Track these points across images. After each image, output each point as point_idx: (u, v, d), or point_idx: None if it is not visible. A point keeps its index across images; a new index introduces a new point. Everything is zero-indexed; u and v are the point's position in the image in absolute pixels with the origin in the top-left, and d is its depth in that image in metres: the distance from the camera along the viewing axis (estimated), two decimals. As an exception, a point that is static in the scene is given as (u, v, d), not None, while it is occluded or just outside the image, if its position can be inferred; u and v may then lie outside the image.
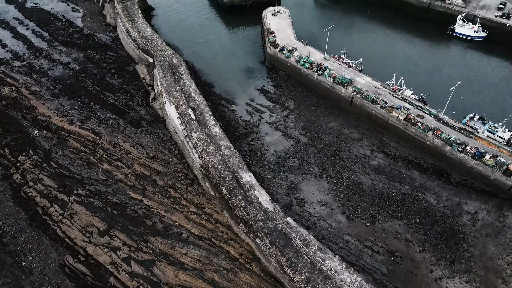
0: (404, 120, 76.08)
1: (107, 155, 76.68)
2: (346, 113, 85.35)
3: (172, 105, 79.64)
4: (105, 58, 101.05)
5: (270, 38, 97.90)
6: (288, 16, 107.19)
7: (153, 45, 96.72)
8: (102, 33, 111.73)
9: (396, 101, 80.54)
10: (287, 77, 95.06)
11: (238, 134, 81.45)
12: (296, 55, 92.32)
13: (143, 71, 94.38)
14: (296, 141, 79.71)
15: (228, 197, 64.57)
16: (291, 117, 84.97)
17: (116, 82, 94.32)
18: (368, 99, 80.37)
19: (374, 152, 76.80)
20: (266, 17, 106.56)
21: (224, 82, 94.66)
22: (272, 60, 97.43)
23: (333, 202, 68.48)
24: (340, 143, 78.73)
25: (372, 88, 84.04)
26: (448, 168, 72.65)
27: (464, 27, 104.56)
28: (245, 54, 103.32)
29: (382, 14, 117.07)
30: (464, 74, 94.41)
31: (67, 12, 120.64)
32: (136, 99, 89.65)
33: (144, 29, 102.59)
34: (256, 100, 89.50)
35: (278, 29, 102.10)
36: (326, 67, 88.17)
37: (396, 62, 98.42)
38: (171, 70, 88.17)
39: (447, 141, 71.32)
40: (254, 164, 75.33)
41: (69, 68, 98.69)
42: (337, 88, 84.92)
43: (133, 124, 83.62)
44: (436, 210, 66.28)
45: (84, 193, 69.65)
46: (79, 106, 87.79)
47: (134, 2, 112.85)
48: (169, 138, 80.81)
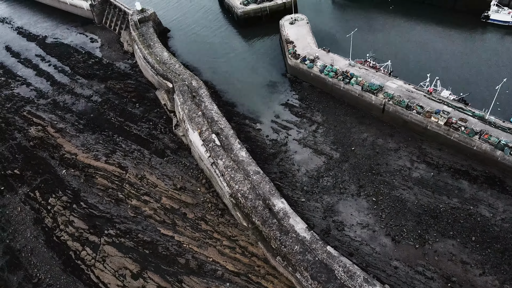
0: (445, 125, 69.65)
1: (134, 190, 74.98)
2: (379, 122, 79.65)
3: (195, 131, 77.03)
4: (126, 87, 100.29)
5: (290, 48, 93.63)
6: (306, 23, 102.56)
7: (171, 69, 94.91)
8: (120, 61, 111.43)
9: (434, 105, 74.11)
10: (311, 88, 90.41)
11: (266, 155, 77.66)
12: (319, 65, 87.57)
13: (163, 97, 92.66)
14: (328, 157, 74.94)
15: (262, 228, 60.84)
16: (320, 132, 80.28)
17: (138, 111, 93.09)
18: (402, 105, 74.45)
19: (414, 163, 70.76)
20: (284, 26, 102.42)
21: (246, 100, 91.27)
22: (294, 71, 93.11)
23: (375, 223, 63.20)
24: (375, 156, 73.24)
25: (405, 92, 77.95)
26: (501, 175, 65.57)
27: (499, 13, 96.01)
28: (266, 68, 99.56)
29: (406, 8, 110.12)
30: (506, 65, 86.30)
31: (86, 43, 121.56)
32: (159, 127, 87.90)
33: (161, 54, 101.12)
34: (281, 116, 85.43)
35: (298, 38, 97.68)
36: (352, 75, 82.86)
37: (429, 60, 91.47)
38: (191, 94, 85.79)
39: (497, 145, 64.38)
40: (285, 187, 71.23)
41: (91, 101, 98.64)
42: (367, 96, 79.47)
43: (158, 154, 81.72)
44: (493, 225, 59.61)
45: (115, 233, 68.05)
46: (103, 139, 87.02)
47: (150, 26, 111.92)
48: (195, 166, 78.23)
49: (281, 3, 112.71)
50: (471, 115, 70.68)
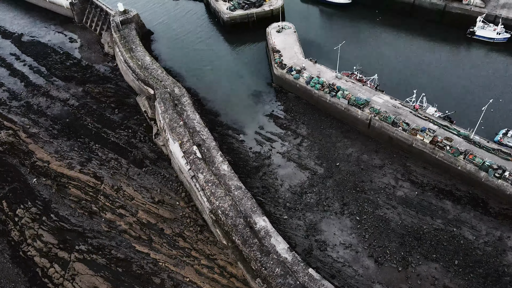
0: (430, 143, 68.77)
1: (109, 202, 71.44)
2: (364, 137, 78.38)
3: (176, 142, 74.03)
4: (105, 91, 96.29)
5: (276, 58, 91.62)
6: (293, 31, 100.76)
7: (153, 75, 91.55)
8: (100, 63, 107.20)
9: (419, 122, 73.26)
10: (297, 99, 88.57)
11: (249, 169, 75.30)
12: (305, 76, 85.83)
13: (144, 104, 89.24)
14: (312, 172, 73.12)
15: (242, 248, 58.42)
16: (304, 145, 78.45)
17: (117, 117, 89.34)
18: (388, 121, 73.34)
19: (399, 181, 69.66)
20: (271, 34, 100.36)
21: (230, 109, 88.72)
22: (280, 81, 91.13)
23: (358, 244, 61.64)
24: (360, 172, 71.83)
25: (391, 107, 76.93)
26: (484, 196, 65.04)
27: (485, 29, 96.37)
28: (251, 76, 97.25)
29: (393, 21, 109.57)
30: (492, 83, 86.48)
31: (64, 43, 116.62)
32: (138, 135, 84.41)
33: (143, 58, 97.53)
34: (265, 128, 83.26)
35: (284, 47, 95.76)
36: (339, 88, 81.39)
37: (415, 74, 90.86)
38: (173, 102, 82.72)
39: (481, 166, 63.78)
40: (268, 203, 69.04)
41: (67, 105, 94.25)
42: (353, 110, 78.09)
43: (136, 164, 78.33)
44: (475, 248, 58.82)
45: (86, 249, 64.44)
46: (79, 147, 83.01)
47: (132, 28, 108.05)
48: (175, 178, 75.24)
49: (268, 10, 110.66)
50: (456, 134, 70.06)
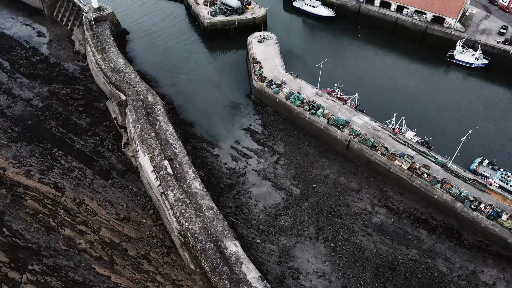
0: (408, 170, 67.78)
1: (69, 217, 66.21)
2: (342, 157, 76.73)
3: (146, 155, 69.67)
4: (73, 93, 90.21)
5: (257, 70, 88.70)
6: (275, 42, 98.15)
7: (126, 79, 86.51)
8: (70, 62, 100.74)
9: (398, 146, 72.25)
10: (275, 114, 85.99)
11: (222, 186, 71.97)
12: (285, 91, 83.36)
13: (114, 110, 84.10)
14: (288, 193, 70.63)
15: (211, 275, 55.02)
16: (281, 163, 75.89)
17: (84, 123, 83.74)
18: (367, 144, 71.88)
19: (375, 206, 68.27)
20: (252, 44, 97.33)
21: (206, 121, 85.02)
22: (259, 94, 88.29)
23: (332, 272, 59.54)
24: (337, 196, 69.97)
25: (370, 130, 75.60)
26: (459, 227, 64.55)
27: (464, 54, 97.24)
28: (230, 86, 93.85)
29: (375, 38, 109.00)
30: (468, 109, 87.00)
31: (32, 37, 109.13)
32: (106, 144, 79.28)
33: (116, 60, 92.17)
34: (242, 143, 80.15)
35: (265, 58, 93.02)
36: (319, 105, 79.38)
37: (395, 95, 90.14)
38: (145, 110, 78.16)
39: (457, 197, 63.22)
40: (240, 224, 65.96)
41: (30, 105, 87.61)
42: (332, 130, 76.26)
43: (102, 175, 73.30)
44: (449, 282, 57.96)
45: (40, 269, 59.11)
46: (40, 153, 76.96)
47: (106, 27, 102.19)
48: (143, 192, 70.84)
49: (250, 18, 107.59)
50: (434, 161, 69.44)
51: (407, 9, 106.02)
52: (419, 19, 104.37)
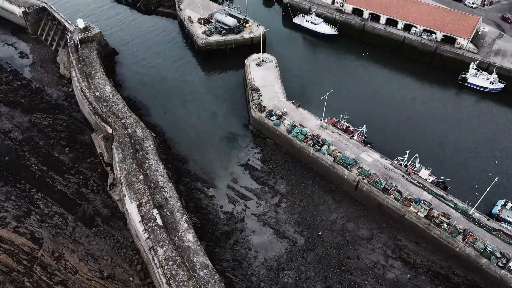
0: (425, 218, 60.99)
1: (47, 275, 58.88)
2: (351, 199, 69.83)
3: (133, 202, 62.52)
4: (55, 124, 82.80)
5: (255, 98, 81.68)
6: (275, 66, 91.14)
7: (113, 110, 79.30)
8: (54, 87, 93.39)
9: (413, 189, 65.40)
10: (276, 147, 79.01)
11: (219, 235, 64.87)
12: (287, 123, 76.37)
13: (100, 145, 76.88)
14: (291, 242, 63.64)
15: None
16: (283, 206, 68.91)
17: (67, 159, 76.44)
18: (378, 187, 65.02)
19: (389, 259, 61.37)
20: (249, 68, 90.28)
21: (200, 155, 77.92)
22: (258, 125, 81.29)
23: None
24: (346, 246, 63.04)
25: (381, 169, 68.76)
26: (484, 285, 57.76)
27: (478, 77, 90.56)
28: (226, 114, 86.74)
29: (381, 58, 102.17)
30: (486, 140, 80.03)
31: (14, 58, 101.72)
32: (90, 184, 72.00)
33: (103, 87, 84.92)
34: (239, 181, 73.12)
35: (264, 84, 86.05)
36: (324, 141, 72.45)
37: (404, 125, 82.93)
38: (133, 148, 71.01)
39: (482, 252, 56.46)
40: (239, 281, 58.88)
41: (9, 139, 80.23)
42: (339, 168, 69.36)
43: (85, 222, 66.06)
44: None
45: None
46: (17, 195, 69.59)
47: (93, 48, 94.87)
48: (131, 243, 63.65)
49: (248, 38, 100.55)
50: (453, 207, 62.61)
51: (415, 28, 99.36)
52: (428, 38, 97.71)
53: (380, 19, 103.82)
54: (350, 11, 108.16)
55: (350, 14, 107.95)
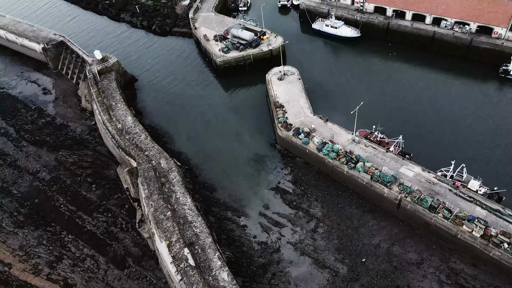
0: (482, 237, 54.76)
1: (82, 325, 57.39)
2: (393, 218, 64.30)
3: (163, 242, 59.94)
4: (80, 161, 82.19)
5: (280, 116, 77.58)
6: (298, 78, 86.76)
7: (136, 141, 77.57)
8: (77, 121, 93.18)
9: (463, 205, 59.16)
10: (306, 166, 74.52)
11: (254, 268, 61.12)
12: (316, 141, 71.77)
13: (126, 179, 75.17)
14: (333, 272, 58.96)
15: None
16: (320, 232, 64.31)
17: (94, 196, 75.26)
18: (424, 205, 59.26)
19: (444, 286, 55.42)
20: (271, 83, 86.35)
21: (228, 181, 74.62)
22: (286, 144, 77.17)
23: None
24: (393, 273, 57.65)
25: (425, 184, 62.86)
26: (559, 312, 51.08)
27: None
28: (251, 134, 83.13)
29: (410, 57, 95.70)
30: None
31: (37, 95, 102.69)
32: (119, 222, 70.26)
33: (124, 118, 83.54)
34: (271, 207, 69.19)
35: (288, 99, 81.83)
36: (358, 157, 67.33)
37: (443, 127, 76.68)
38: (158, 182, 68.66)
39: (554, 275, 49.82)
40: (280, 321, 55.00)
41: (37, 179, 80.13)
42: (377, 186, 64.04)
43: (116, 264, 64.18)
44: None
45: None
46: (48, 239, 68.85)
47: (112, 79, 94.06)
48: (164, 284, 61.05)
49: (267, 51, 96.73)
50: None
51: (445, 21, 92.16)
52: (461, 31, 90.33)
53: (406, 15, 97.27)
54: (372, 10, 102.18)
55: (372, 14, 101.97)
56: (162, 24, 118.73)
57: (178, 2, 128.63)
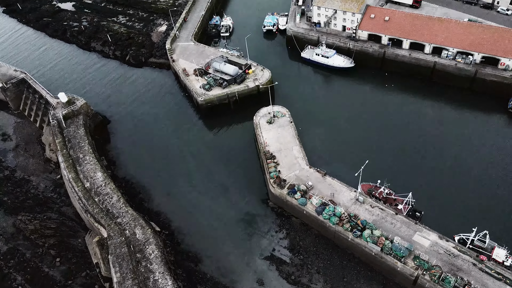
0: (518, 329, 46.44)
1: None
2: (408, 295, 55.65)
3: None
4: (43, 227, 70.75)
5: (272, 170, 68.09)
6: (289, 121, 77.54)
7: (107, 205, 67.03)
8: (40, 175, 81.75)
9: (491, 284, 50.70)
10: (304, 228, 65.20)
11: None
12: (315, 202, 62.48)
13: (95, 252, 64.52)
14: None
15: None
16: (325, 315, 55.14)
17: (59, 274, 64.13)
18: (446, 286, 50.60)
19: None
20: (260, 127, 76.91)
21: (215, 249, 64.60)
22: (279, 202, 67.75)
23: None
24: None
25: (443, 255, 54.24)
26: None
27: (534, 104, 75.59)
28: (240, 188, 73.26)
29: (409, 88, 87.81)
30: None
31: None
32: (87, 308, 59.80)
33: (93, 174, 72.78)
34: (266, 282, 59.47)
35: (280, 148, 72.52)
36: (364, 223, 58.28)
37: (459, 180, 67.95)
38: (133, 260, 58.32)
39: None
40: None
41: (-8, 252, 68.86)
42: (389, 259, 55.16)
43: None
44: None
45: None
46: (2, 334, 57.89)
47: (80, 124, 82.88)
48: None
49: (253, 87, 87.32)
50: (552, 307, 47.86)
51: (446, 50, 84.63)
52: (464, 61, 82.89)
53: (403, 44, 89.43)
54: (365, 37, 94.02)
55: (366, 41, 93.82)
56: (137, 54, 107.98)
57: (154, 29, 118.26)
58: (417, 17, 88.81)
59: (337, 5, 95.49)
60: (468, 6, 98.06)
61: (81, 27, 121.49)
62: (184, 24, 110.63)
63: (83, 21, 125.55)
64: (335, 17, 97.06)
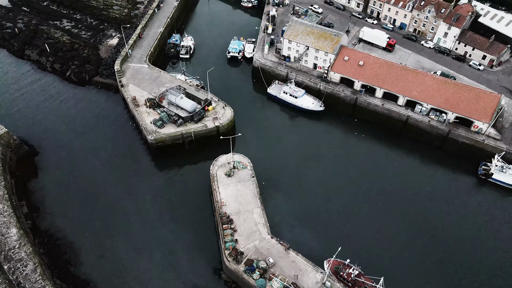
0: None
1: None
2: None
3: None
4: None
5: (228, 240, 58.18)
6: (251, 175, 68.10)
7: (19, 277, 53.53)
8: None
9: None
10: (262, 311, 56.36)
11: None
12: (276, 285, 53.50)
13: None
14: None
15: None
16: None
17: None
18: None
19: None
20: (217, 181, 66.82)
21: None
22: (235, 277, 58.06)
23: None
24: None
25: None
26: None
27: (505, 173, 72.25)
28: (188, 253, 62.54)
29: (378, 139, 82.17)
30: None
31: None
32: None
33: (6, 231, 58.43)
34: None
35: (239, 209, 62.97)
36: (332, 318, 50.54)
37: (434, 252, 62.91)
38: None
39: None
40: None
41: None
42: None
43: None
44: None
45: None
46: None
47: (-4, 159, 68.16)
48: None
49: (212, 127, 76.96)
50: None
51: (420, 105, 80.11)
52: (437, 119, 78.73)
53: (376, 92, 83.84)
54: (337, 80, 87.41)
55: (338, 84, 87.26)
56: (80, 71, 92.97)
57: (103, 41, 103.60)
58: (392, 66, 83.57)
59: (310, 41, 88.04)
60: (440, 55, 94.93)
61: (15, 30, 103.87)
62: (138, 41, 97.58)
63: (18, 21, 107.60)
64: (306, 54, 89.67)
